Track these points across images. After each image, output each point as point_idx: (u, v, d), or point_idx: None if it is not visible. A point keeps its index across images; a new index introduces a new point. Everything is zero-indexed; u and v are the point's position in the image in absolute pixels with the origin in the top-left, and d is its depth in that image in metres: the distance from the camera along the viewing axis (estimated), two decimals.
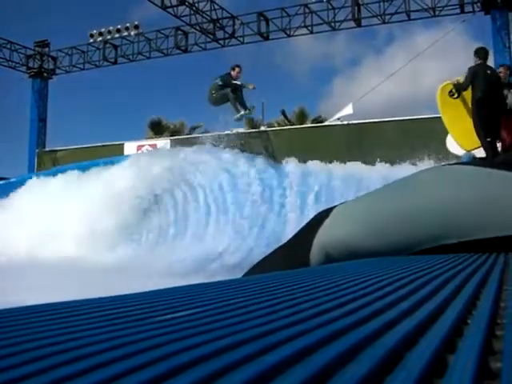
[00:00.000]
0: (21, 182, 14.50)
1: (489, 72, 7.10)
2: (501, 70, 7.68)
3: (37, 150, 20.89)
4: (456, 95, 7.20)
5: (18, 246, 11.46)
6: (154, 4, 17.84)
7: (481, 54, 7.22)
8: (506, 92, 7.33)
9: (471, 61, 7.77)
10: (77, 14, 49.39)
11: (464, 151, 8.12)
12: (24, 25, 46.52)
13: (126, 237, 11.36)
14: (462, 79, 7.28)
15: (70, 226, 11.32)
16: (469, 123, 6.98)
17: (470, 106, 7.07)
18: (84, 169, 13.75)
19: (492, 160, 6.16)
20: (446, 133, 9.45)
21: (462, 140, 7.52)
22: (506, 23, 15.71)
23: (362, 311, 1.08)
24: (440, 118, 7.78)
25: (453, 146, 9.02)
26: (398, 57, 44.83)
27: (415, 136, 11.94)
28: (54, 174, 14.21)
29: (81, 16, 50.52)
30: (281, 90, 52.21)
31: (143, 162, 12.51)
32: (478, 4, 16.34)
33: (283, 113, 27.11)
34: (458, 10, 16.79)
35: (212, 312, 1.12)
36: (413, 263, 2.56)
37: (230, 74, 12.45)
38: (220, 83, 12.38)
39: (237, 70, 12.46)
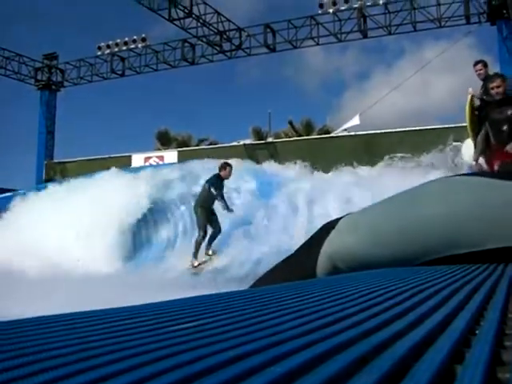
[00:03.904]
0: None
1: None
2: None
3: (45, 162, 21.01)
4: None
5: None
6: (162, 17, 18.00)
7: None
8: None
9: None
10: (84, 27, 49.88)
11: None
12: (32, 38, 47.02)
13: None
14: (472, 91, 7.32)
15: None
16: None
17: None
18: None
19: (498, 170, 6.15)
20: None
21: None
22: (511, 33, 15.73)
23: (369, 322, 1.08)
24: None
25: (468, 155, 9.03)
26: (407, 69, 44.97)
27: (423, 146, 11.94)
28: None
29: (88, 29, 51.02)
30: (288, 101, 52.43)
31: None
32: (484, 15, 16.37)
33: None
34: (464, 21, 16.81)
35: (219, 323, 1.12)
36: (420, 274, 2.56)
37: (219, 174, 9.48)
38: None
39: (228, 168, 9.49)
